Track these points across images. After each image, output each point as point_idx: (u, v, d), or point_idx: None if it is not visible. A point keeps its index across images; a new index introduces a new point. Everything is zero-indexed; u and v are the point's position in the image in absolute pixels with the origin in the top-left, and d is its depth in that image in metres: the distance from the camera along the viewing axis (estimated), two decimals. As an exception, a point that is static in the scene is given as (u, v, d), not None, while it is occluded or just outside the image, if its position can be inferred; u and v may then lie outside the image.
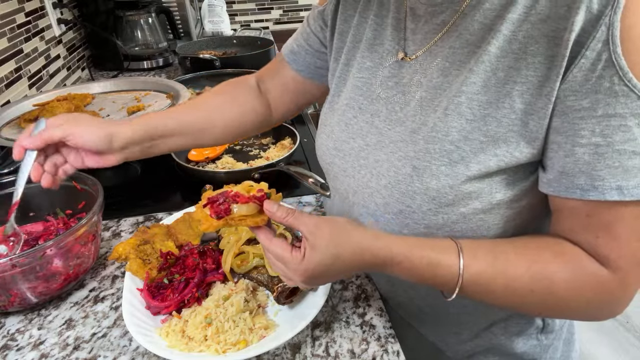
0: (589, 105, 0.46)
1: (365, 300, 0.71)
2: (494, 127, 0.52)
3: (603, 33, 0.44)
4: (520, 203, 0.55)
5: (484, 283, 0.53)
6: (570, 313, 0.56)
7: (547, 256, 0.52)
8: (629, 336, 1.97)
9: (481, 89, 0.52)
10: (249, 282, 0.71)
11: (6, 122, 1.15)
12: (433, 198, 0.55)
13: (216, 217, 0.56)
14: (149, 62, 1.95)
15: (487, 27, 0.52)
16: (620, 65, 0.44)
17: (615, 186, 0.46)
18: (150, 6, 1.92)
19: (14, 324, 0.69)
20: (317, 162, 0.77)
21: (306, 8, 2.78)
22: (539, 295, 0.52)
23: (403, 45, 0.62)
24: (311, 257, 0.52)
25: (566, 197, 0.50)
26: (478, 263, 0.52)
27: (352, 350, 0.62)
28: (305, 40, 0.79)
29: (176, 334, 0.62)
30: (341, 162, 0.67)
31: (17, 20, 1.36)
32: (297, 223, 0.54)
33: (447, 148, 0.54)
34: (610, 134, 0.46)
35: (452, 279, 0.53)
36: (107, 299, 0.73)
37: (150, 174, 1.16)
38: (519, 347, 0.71)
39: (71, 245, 0.70)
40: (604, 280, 0.50)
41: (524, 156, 0.52)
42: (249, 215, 0.57)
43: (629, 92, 0.44)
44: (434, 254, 0.53)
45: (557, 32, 0.47)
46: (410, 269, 0.53)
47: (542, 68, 0.48)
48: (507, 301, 0.54)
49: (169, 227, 0.82)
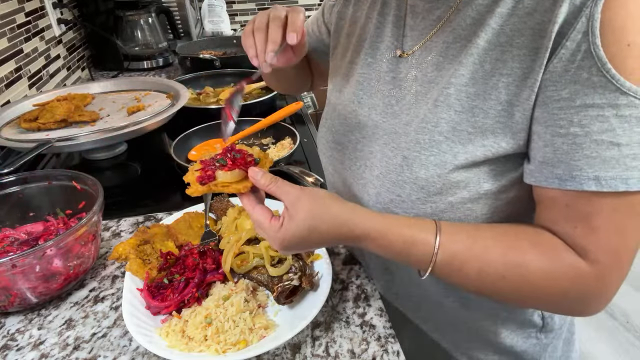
0: (568, 95, 0.47)
1: (365, 300, 0.71)
2: (481, 119, 0.53)
3: (583, 24, 0.45)
4: (508, 194, 0.56)
5: (458, 264, 0.53)
6: (545, 303, 0.55)
7: (524, 244, 0.52)
8: (629, 336, 1.97)
9: (469, 80, 0.53)
10: (249, 282, 0.71)
11: (6, 122, 1.15)
12: (422, 187, 0.57)
13: (200, 183, 0.57)
14: (149, 62, 1.95)
15: (478, 21, 0.54)
16: (598, 56, 0.44)
17: (593, 176, 0.46)
18: (150, 6, 1.92)
19: (14, 324, 0.69)
20: (317, 162, 0.78)
21: (306, 8, 2.78)
22: (511, 282, 0.52)
23: (401, 42, 0.64)
24: (288, 227, 0.54)
25: (546, 186, 0.50)
26: (455, 244, 0.53)
27: (352, 350, 0.62)
28: (314, 24, 0.86)
29: (176, 334, 0.62)
30: (339, 155, 0.70)
31: (17, 20, 1.36)
32: (279, 192, 0.56)
33: (436, 139, 0.55)
34: (588, 124, 0.46)
35: (426, 257, 0.53)
36: (107, 299, 0.73)
37: (150, 174, 1.16)
38: (519, 346, 0.72)
39: (71, 245, 0.70)
40: (581, 273, 0.50)
41: (510, 147, 0.52)
42: (233, 182, 0.57)
43: (606, 82, 0.44)
44: (410, 232, 0.53)
45: (542, 24, 0.47)
46: (385, 245, 0.54)
47: (527, 60, 0.49)
48: (480, 286, 0.54)
49: (169, 227, 0.82)
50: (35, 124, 1.10)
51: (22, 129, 1.11)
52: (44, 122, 1.10)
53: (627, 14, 0.43)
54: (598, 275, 0.49)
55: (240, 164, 0.58)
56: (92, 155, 1.22)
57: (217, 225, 0.83)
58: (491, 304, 0.69)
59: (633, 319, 2.02)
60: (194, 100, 1.49)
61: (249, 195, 0.58)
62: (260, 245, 0.71)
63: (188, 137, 1.19)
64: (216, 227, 0.83)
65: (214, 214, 0.87)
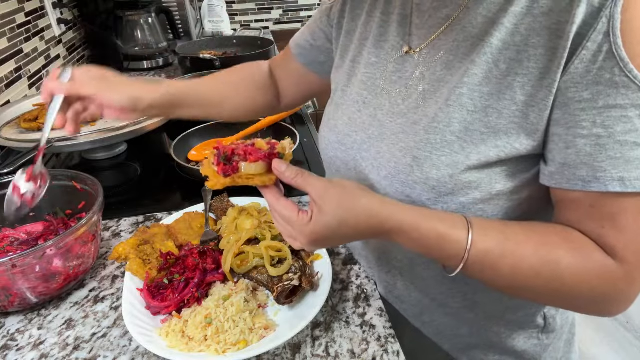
0: (590, 96, 0.46)
1: (365, 300, 0.71)
2: (494, 119, 0.52)
3: (604, 25, 0.45)
4: (520, 195, 0.56)
5: (491, 261, 0.52)
6: (572, 302, 0.55)
7: (555, 240, 0.51)
8: (629, 336, 1.97)
9: (483, 80, 0.53)
10: (249, 282, 0.71)
11: (6, 122, 1.15)
12: (433, 187, 0.56)
13: (223, 175, 0.55)
14: (149, 62, 1.95)
15: (491, 20, 0.53)
16: (620, 56, 0.44)
17: (617, 177, 0.46)
18: (150, 6, 1.92)
19: (14, 324, 0.69)
20: (317, 162, 0.77)
21: (306, 8, 2.78)
22: (545, 279, 0.51)
23: (408, 41, 0.63)
24: (319, 219, 0.52)
25: (568, 189, 0.50)
26: (487, 240, 0.51)
27: (352, 351, 0.62)
28: (311, 35, 0.82)
29: (176, 334, 0.62)
30: (343, 156, 0.68)
31: (17, 20, 1.36)
32: (305, 184, 0.54)
33: (448, 139, 0.54)
34: (611, 125, 0.46)
35: (458, 253, 0.52)
36: (107, 299, 0.73)
37: (150, 174, 1.16)
38: (519, 346, 0.71)
39: (71, 245, 0.70)
40: (609, 270, 0.49)
41: (524, 148, 0.52)
42: (257, 174, 0.56)
43: (629, 83, 0.44)
44: (442, 227, 0.52)
45: (559, 24, 0.47)
46: (417, 239, 0.52)
47: (544, 60, 0.49)
48: (512, 283, 0.53)
49: (169, 227, 0.82)
50: (35, 124, 1.10)
51: (22, 129, 1.11)
52: (44, 122, 1.09)
53: None
54: (626, 275, 0.49)
55: (264, 156, 0.56)
56: (92, 155, 1.22)
57: (217, 225, 0.83)
58: (495, 305, 0.68)
59: (633, 319, 2.02)
60: (194, 100, 1.49)
61: (272, 188, 0.56)
62: (260, 245, 0.71)
63: (188, 137, 1.19)
64: (216, 227, 0.83)
65: (214, 214, 0.87)
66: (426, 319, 0.74)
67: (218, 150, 0.57)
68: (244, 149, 0.57)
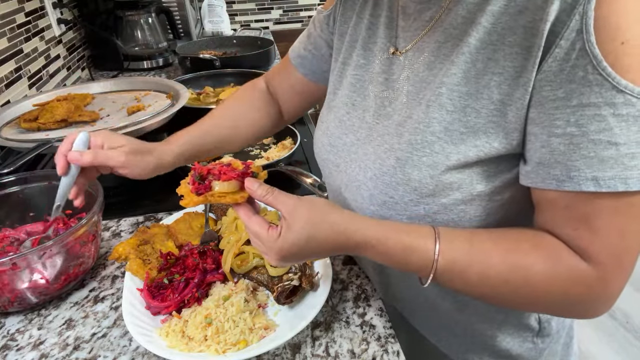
0: (564, 95, 0.46)
1: (365, 300, 0.71)
2: (473, 118, 0.52)
3: (577, 22, 0.44)
4: (502, 196, 0.56)
5: (459, 270, 0.52)
6: (547, 306, 0.55)
7: (525, 247, 0.52)
8: (629, 336, 1.97)
9: (461, 80, 0.53)
10: (249, 282, 0.71)
11: (6, 122, 1.15)
12: (414, 189, 0.56)
13: (196, 193, 0.57)
14: (149, 62, 1.95)
15: (470, 20, 0.53)
16: (594, 54, 0.44)
17: (591, 177, 0.46)
18: (150, 6, 1.92)
19: (14, 324, 0.69)
20: (317, 163, 0.77)
21: (306, 8, 2.78)
22: (514, 285, 0.51)
23: (394, 43, 0.64)
24: (286, 236, 0.53)
25: (543, 188, 0.50)
26: (454, 250, 0.52)
27: (352, 351, 0.62)
28: (312, 44, 0.81)
29: (176, 334, 0.62)
30: (334, 158, 0.69)
31: (17, 20, 1.36)
32: (276, 202, 0.55)
33: (428, 139, 0.55)
34: (585, 124, 0.45)
35: (426, 264, 0.53)
36: (107, 299, 0.73)
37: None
38: (514, 350, 0.71)
39: (71, 245, 0.70)
40: (582, 274, 0.49)
41: (503, 147, 0.52)
42: (229, 193, 0.57)
43: (602, 80, 0.44)
44: (409, 239, 0.53)
45: (534, 22, 0.47)
46: (384, 252, 0.54)
47: (519, 59, 0.49)
48: (481, 291, 0.54)
49: (169, 227, 0.82)
50: (35, 124, 1.10)
51: (22, 129, 1.11)
52: (44, 122, 1.10)
53: (620, 11, 0.43)
54: (600, 278, 0.49)
55: (238, 175, 0.58)
56: (92, 155, 1.21)
57: (217, 225, 0.83)
58: (487, 307, 0.68)
59: (633, 319, 2.02)
60: (194, 100, 1.49)
61: (245, 206, 0.58)
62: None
63: (188, 137, 1.18)
64: (216, 227, 0.83)
65: (214, 214, 0.87)
66: (420, 319, 0.74)
67: (194, 171, 0.59)
68: (220, 168, 0.59)
